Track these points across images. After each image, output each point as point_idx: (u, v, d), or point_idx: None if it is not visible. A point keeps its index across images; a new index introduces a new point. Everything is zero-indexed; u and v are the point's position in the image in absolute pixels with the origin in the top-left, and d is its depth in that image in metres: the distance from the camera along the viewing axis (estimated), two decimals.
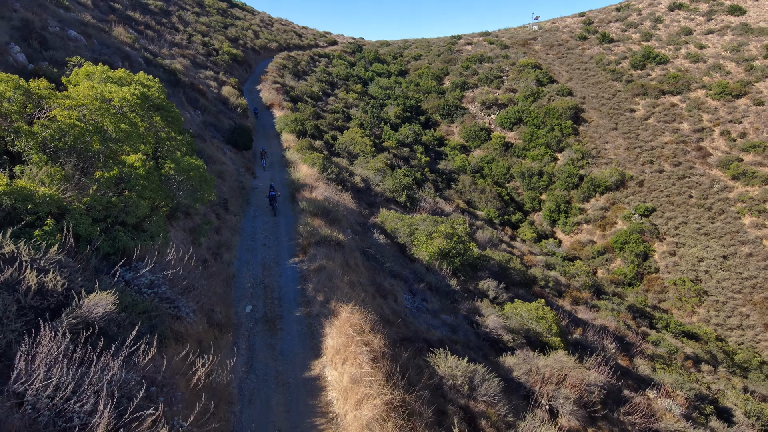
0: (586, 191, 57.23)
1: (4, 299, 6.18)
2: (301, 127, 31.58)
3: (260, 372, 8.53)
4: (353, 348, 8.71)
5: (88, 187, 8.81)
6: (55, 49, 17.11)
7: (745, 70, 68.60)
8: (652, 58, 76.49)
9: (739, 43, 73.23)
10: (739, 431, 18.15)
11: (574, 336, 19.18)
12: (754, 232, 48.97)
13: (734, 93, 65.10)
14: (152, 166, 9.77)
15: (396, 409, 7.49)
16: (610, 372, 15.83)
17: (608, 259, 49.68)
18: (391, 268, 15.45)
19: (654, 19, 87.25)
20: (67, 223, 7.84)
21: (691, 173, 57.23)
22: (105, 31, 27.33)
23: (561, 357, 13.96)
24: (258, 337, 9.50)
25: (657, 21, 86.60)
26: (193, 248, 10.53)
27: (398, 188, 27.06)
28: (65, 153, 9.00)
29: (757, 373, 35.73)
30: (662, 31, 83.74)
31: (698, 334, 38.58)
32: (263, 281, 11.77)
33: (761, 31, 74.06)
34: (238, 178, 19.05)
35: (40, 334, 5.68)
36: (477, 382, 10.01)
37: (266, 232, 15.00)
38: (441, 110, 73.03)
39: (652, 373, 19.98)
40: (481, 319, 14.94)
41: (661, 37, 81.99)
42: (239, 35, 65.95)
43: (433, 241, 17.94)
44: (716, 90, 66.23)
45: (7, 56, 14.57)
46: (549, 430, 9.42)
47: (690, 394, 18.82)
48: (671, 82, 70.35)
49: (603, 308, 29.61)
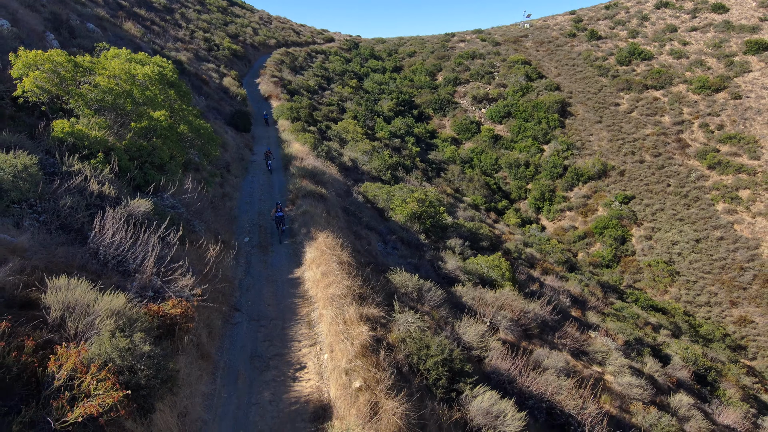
0: (569, 180, 60.01)
1: (77, 197, 8.99)
2: (296, 115, 34.34)
3: (255, 275, 11.31)
4: (326, 257, 11.50)
5: (125, 135, 11.61)
6: (81, 38, 19.91)
7: (725, 65, 71.35)
8: (637, 54, 79.23)
9: (721, 40, 76.00)
10: (670, 369, 20.92)
11: (530, 288, 21.93)
12: (726, 217, 51.78)
13: (714, 87, 67.86)
14: (171, 123, 12.54)
15: (353, 292, 10.27)
16: (552, 312, 18.65)
17: (588, 243, 52.48)
18: (368, 222, 18.25)
19: (641, 17, 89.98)
20: (112, 158, 10.63)
21: (669, 163, 60.01)
22: (117, 25, 30.11)
23: (507, 292, 16.76)
24: (254, 256, 12.27)
25: (644, 19, 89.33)
26: (203, 193, 13.30)
27: (383, 168, 29.82)
28: (106, 110, 11.78)
29: (720, 343, 38.53)
30: (648, 29, 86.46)
31: (666, 309, 41.38)
32: (259, 223, 14.58)
33: (742, 28, 76.81)
34: (239, 152, 21.85)
35: (107, 214, 8.47)
36: (424, 292, 12.81)
37: (262, 190, 17.89)
38: (433, 104, 75.74)
39: (601, 322, 22.76)
40: (442, 264, 17.73)
41: (647, 34, 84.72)
42: (239, 32, 68.66)
43: (407, 204, 20.73)
44: (697, 84, 68.99)
45: (45, 42, 17.37)
46: (476, 326, 12.19)
47: (630, 338, 21.60)
48: (655, 77, 73.11)
49: (572, 279, 32.37)
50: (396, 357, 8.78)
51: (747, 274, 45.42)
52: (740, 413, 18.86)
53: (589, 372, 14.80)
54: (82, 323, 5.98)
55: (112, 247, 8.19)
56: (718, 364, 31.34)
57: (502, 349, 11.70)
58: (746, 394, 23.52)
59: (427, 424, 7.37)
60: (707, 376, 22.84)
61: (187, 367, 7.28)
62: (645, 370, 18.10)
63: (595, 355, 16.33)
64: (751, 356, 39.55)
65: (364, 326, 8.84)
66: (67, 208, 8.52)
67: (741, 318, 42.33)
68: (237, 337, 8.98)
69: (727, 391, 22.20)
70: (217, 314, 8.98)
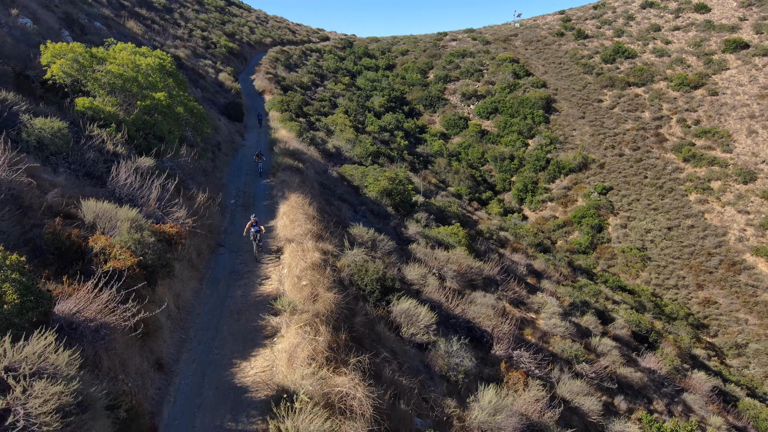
0: (552, 173, 62.75)
1: (97, 153, 11.72)
2: (286, 107, 37.06)
3: (237, 224, 14.07)
4: (295, 210, 14.24)
5: (132, 111, 14.34)
6: (91, 35, 22.63)
7: (704, 63, 74.10)
8: (621, 52, 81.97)
9: (702, 39, 78.73)
10: (611, 327, 23.64)
11: (489, 257, 24.59)
12: (697, 206, 54.53)
13: (692, 84, 70.61)
14: (170, 103, 15.27)
15: (313, 232, 13.00)
16: (502, 273, 21.36)
17: (567, 231, 55.23)
18: (341, 194, 20.99)
19: (627, 17, 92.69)
20: (122, 128, 13.35)
21: (647, 156, 62.77)
22: (120, 23, 32.82)
23: (458, 252, 19.47)
24: (237, 212, 15.02)
25: (629, 18, 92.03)
26: (197, 161, 16.03)
27: (365, 155, 32.54)
28: (117, 91, 14.50)
29: (682, 321, 41.28)
30: (633, 28, 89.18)
31: (634, 290, 44.16)
32: (244, 190, 17.35)
33: (722, 27, 79.54)
34: (230, 137, 24.59)
35: (120, 165, 11.20)
36: (378, 242, 15.54)
37: (248, 167, 20.66)
38: (424, 101, 78.46)
39: (554, 289, 25.45)
40: (404, 230, 20.46)
41: (632, 33, 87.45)
42: (236, 31, 71.35)
43: (379, 182, 23.45)
44: (676, 82, 71.73)
45: (60, 38, 20.08)
46: (419, 269, 14.92)
47: (577, 300, 24.30)
48: (637, 74, 75.85)
49: (540, 257, 35.07)
50: (340, 275, 11.52)
51: (714, 259, 48.18)
52: (666, 362, 21.61)
53: (521, 315, 17.53)
54: (108, 225, 8.74)
55: (125, 188, 10.94)
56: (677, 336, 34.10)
57: (437, 285, 14.42)
58: (683, 353, 26.28)
59: (357, 313, 10.08)
60: (648, 337, 25.58)
61: (181, 271, 10.00)
62: (581, 323, 20.83)
63: (532, 306, 19.07)
64: (713, 333, 42.29)
65: (317, 252, 11.58)
66: (90, 161, 11.26)
67: (705, 299, 45.08)
68: (219, 260, 11.72)
69: (665, 350, 24.93)
70: (204, 244, 11.69)
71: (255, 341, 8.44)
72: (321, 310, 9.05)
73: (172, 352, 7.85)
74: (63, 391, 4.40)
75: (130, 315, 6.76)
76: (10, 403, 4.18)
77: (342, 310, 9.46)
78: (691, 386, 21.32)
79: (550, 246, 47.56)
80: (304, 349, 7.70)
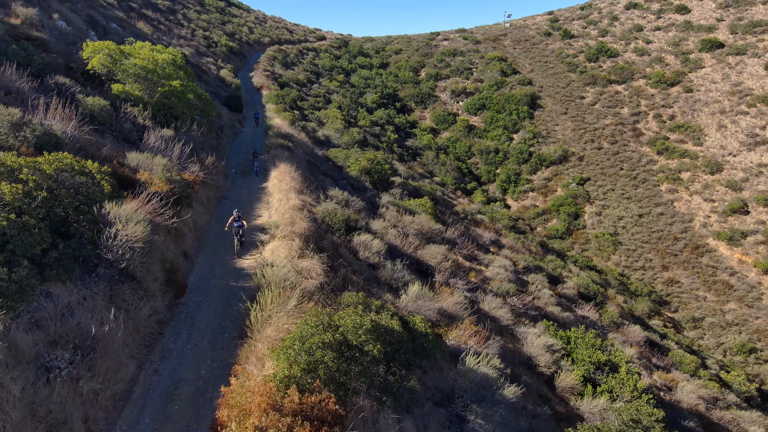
0: (534, 165, 66.49)
1: (131, 125, 15.47)
2: (281, 100, 40.75)
3: (237, 185, 17.79)
4: (283, 174, 17.96)
5: (154, 96, 18.08)
6: (111, 35, 26.34)
7: (681, 62, 77.86)
8: (604, 51, 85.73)
9: (680, 39, 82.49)
10: (560, 287, 27.34)
11: (455, 228, 28.24)
12: (667, 195, 58.30)
13: (669, 82, 74.36)
14: (183, 89, 19.01)
15: (296, 188, 16.73)
16: (461, 237, 25.05)
17: (546, 219, 58.98)
18: (326, 171, 24.70)
19: (612, 17, 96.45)
20: (148, 108, 17.08)
21: (624, 149, 66.53)
22: (132, 24, 36.50)
23: (422, 216, 23.17)
24: (237, 178, 18.77)
25: (614, 19, 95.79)
26: (205, 137, 19.77)
27: (352, 143, 36.24)
28: (141, 80, 18.23)
29: (645, 297, 44.99)
30: (617, 28, 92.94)
31: (603, 270, 47.90)
32: (243, 163, 21.09)
33: (700, 27, 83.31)
34: (231, 123, 28.34)
35: (149, 133, 14.93)
36: (350, 202, 19.26)
37: (247, 146, 24.45)
38: (415, 98, 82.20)
39: (512, 256, 29.11)
40: (378, 200, 24.17)
41: (616, 33, 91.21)
42: (236, 30, 75.03)
43: (359, 162, 27.17)
44: (655, 79, 75.48)
45: (88, 37, 23.78)
46: (383, 223, 18.63)
47: (531, 265, 27.99)
48: (618, 72, 79.61)
49: (510, 236, 38.76)
50: (315, 217, 15.24)
51: (679, 243, 51.93)
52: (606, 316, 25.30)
53: (471, 266, 21.25)
54: (147, 167, 12.48)
55: (154, 148, 14.69)
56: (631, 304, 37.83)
57: (396, 234, 18.14)
58: (626, 312, 30.00)
59: (324, 238, 13.80)
60: (595, 298, 29.32)
61: (197, 207, 13.71)
62: (528, 280, 24.52)
63: (483, 261, 22.79)
64: (674, 309, 46.03)
65: (298, 200, 15.30)
66: (127, 129, 14.99)
67: (669, 279, 48.83)
68: (224, 207, 15.43)
69: (608, 308, 28.65)
70: (212, 195, 15.39)
71: (248, 250, 12.18)
72: (297, 230, 12.77)
73: (193, 251, 11.55)
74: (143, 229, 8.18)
75: (167, 218, 10.52)
76: (119, 230, 7.95)
77: (313, 233, 13.19)
78: (624, 334, 25.00)
79: (527, 230, 51.31)
80: (282, 249, 11.44)
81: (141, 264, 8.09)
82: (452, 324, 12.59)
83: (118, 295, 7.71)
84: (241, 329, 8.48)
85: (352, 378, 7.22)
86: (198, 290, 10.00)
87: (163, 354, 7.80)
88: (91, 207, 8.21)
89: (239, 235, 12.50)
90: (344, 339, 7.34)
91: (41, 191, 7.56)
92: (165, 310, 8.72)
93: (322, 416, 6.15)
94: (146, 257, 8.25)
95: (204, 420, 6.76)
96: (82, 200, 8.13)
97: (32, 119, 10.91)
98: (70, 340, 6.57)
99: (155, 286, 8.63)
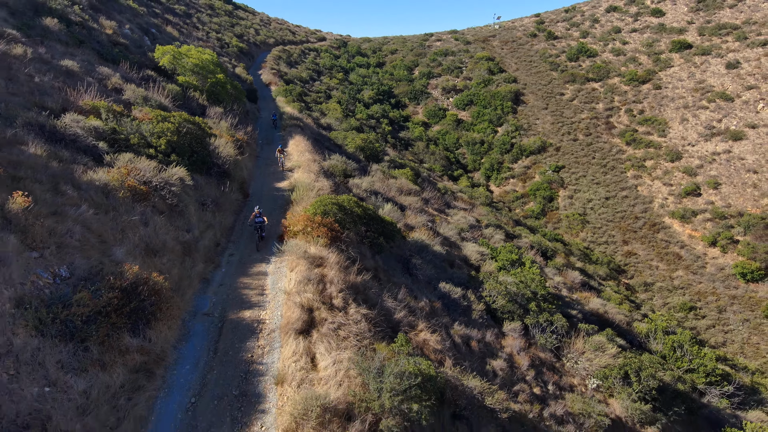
0: (515, 155, 73.34)
1: (195, 103, 22.40)
2: (289, 94, 47.56)
3: (264, 151, 24.71)
4: (297, 143, 24.82)
5: (205, 85, 24.96)
6: (157, 39, 33.14)
7: (653, 61, 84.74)
8: (584, 51, 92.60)
9: (654, 40, 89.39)
10: (516, 241, 34.15)
11: (429, 191, 35.02)
12: (632, 181, 65.18)
13: (641, 79, 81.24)
14: (225, 81, 25.88)
15: (309, 151, 23.60)
16: (435, 197, 31.85)
17: (524, 202, 65.83)
18: (329, 146, 31.53)
19: (593, 20, 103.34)
20: (203, 93, 23.95)
21: (597, 141, 73.39)
22: (164, 30, 43.26)
23: (402, 179, 30.01)
24: (265, 146, 25.71)
25: (595, 21, 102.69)
26: (242, 116, 26.60)
27: (349, 129, 43.03)
28: (195, 73, 25.08)
29: (603, 266, 51.81)
30: (597, 30, 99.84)
31: (569, 243, 54.74)
32: (267, 137, 28.11)
33: (672, 29, 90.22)
34: (252, 111, 35.34)
35: (208, 110, 21.84)
36: (347, 164, 26.14)
37: (268, 126, 31.54)
38: (409, 95, 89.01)
39: (476, 213, 35.90)
40: (369, 168, 30.99)
41: (596, 35, 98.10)
42: (244, 32, 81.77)
43: (355, 140, 33.99)
44: (628, 77, 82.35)
45: (143, 41, 30.60)
46: (371, 179, 25.53)
47: (492, 222, 34.79)
48: (595, 71, 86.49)
49: (484, 208, 45.52)
50: (323, 167, 22.08)
51: (639, 221, 58.80)
52: (551, 264, 32.08)
53: (438, 216, 28.08)
54: (216, 127, 19.40)
55: (213, 119, 21.56)
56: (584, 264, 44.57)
57: (380, 185, 24.96)
58: (570, 264, 36.81)
59: (329, 179, 20.63)
60: (546, 253, 36.16)
61: (246, 158, 20.55)
62: (485, 233, 31.35)
63: (449, 214, 29.64)
64: (630, 276, 52.86)
65: (311, 155, 22.15)
66: (193, 106, 21.87)
67: (628, 252, 55.69)
68: (259, 162, 22.26)
69: (556, 259, 35.47)
70: (252, 152, 22.25)
71: (282, 178, 19.04)
72: (312, 168, 19.68)
73: (249, 180, 18.43)
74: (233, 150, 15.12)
75: (237, 154, 17.43)
76: (219, 150, 14.87)
77: (322, 172, 20.09)
78: (564, 276, 31.79)
79: (505, 210, 58.15)
80: (304, 173, 18.32)
81: (233, 169, 14.94)
82: (413, 231, 19.45)
83: (224, 183, 14.59)
84: (285, 209, 15.34)
85: (347, 223, 14.11)
86: (254, 196, 16.87)
87: (246, 214, 14.68)
88: (203, 139, 15.07)
89: (260, 231, 13.00)
90: (341, 205, 14.23)
91: (183, 128, 14.43)
92: (242, 199, 15.60)
93: (332, 228, 13.05)
94: (234, 166, 15.10)
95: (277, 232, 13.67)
96: (199, 135, 15.01)
97: (151, 95, 17.78)
98: (210, 196, 13.50)
99: (236, 186, 15.48)
